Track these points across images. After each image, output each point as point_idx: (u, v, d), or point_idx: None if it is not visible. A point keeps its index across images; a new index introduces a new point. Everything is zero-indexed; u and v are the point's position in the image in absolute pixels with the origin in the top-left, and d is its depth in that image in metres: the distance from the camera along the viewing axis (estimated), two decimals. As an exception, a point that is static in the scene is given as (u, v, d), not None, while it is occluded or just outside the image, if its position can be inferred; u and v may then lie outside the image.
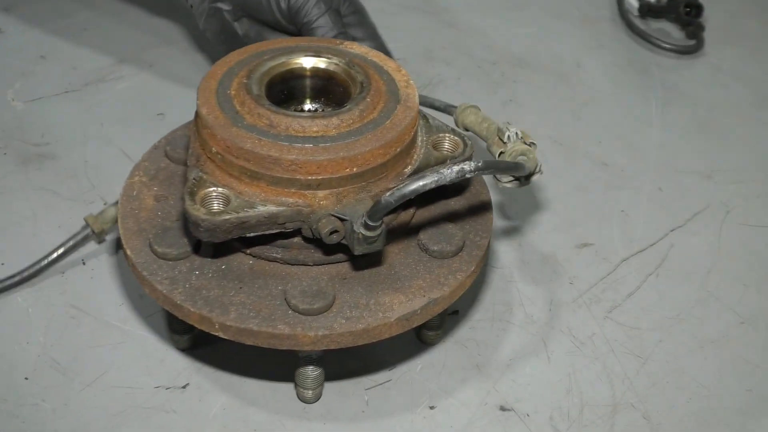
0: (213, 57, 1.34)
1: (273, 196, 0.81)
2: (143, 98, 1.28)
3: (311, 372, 0.89)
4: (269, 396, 0.92)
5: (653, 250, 1.11)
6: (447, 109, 1.01)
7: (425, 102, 1.03)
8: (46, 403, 0.90)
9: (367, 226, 0.78)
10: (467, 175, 0.77)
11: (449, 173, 0.76)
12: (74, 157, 1.18)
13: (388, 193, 0.76)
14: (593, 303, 1.04)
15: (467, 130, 0.97)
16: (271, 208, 0.81)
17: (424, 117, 0.91)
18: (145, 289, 0.86)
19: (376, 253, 0.83)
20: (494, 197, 1.15)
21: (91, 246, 1.05)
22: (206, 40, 1.26)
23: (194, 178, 0.83)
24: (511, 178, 0.89)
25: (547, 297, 1.04)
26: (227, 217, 0.80)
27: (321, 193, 0.81)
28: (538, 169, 0.91)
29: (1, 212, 1.10)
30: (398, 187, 0.76)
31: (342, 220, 0.81)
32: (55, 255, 1.01)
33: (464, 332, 1.00)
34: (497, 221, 1.13)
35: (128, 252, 0.87)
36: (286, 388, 0.92)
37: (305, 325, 0.81)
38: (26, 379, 0.92)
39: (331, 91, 0.90)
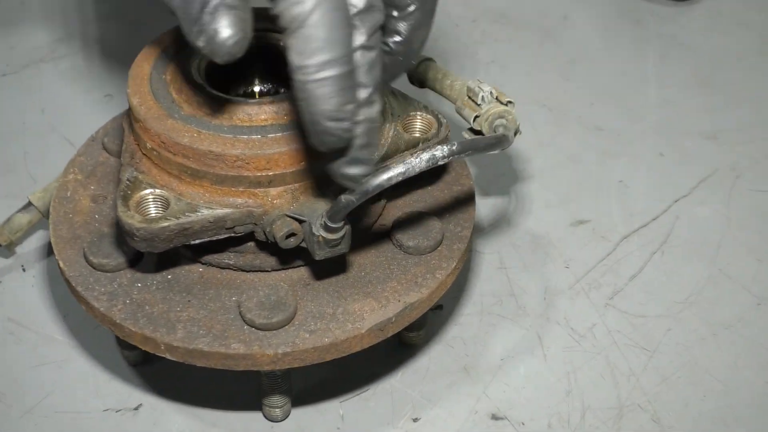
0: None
1: (219, 197, 0.71)
2: (88, 79, 1.16)
3: (277, 387, 0.79)
4: (233, 416, 0.82)
5: (656, 224, 1.00)
6: None
7: None
8: (-20, 436, 0.80)
9: (327, 228, 0.68)
10: (440, 162, 0.66)
11: (417, 163, 0.65)
12: (12, 148, 1.07)
13: (348, 191, 0.66)
14: (592, 289, 0.94)
15: (424, 87, 0.85)
16: (217, 211, 0.70)
17: (392, 93, 0.80)
18: (82, 306, 0.75)
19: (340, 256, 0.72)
20: (474, 170, 1.05)
21: (32, 251, 0.94)
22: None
23: (128, 179, 0.72)
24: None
25: (541, 284, 0.94)
26: (166, 224, 0.69)
27: (274, 191, 0.71)
28: (518, 131, 0.80)
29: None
30: (363, 182, 0.65)
31: (299, 221, 0.70)
32: None
33: (450, 330, 0.90)
34: (481, 198, 1.02)
35: (61, 264, 0.76)
36: (252, 406, 0.82)
37: (263, 342, 0.71)
38: (-40, 406, 0.82)
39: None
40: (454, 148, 0.66)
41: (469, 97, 0.79)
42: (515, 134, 0.79)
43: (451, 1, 1.32)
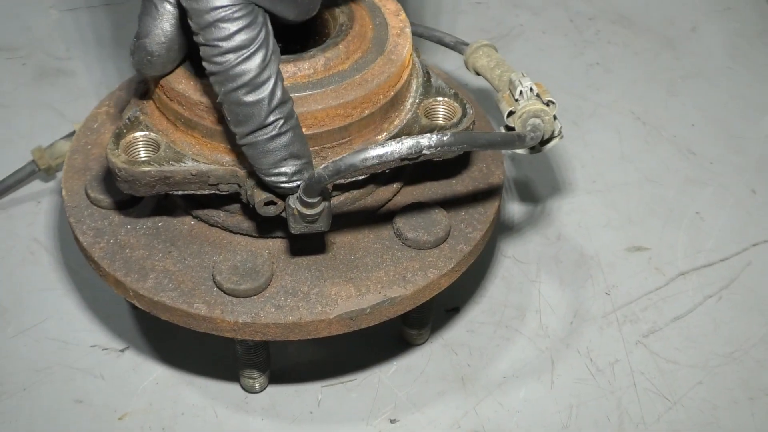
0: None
1: (207, 151, 0.68)
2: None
3: (251, 359, 0.76)
4: (212, 376, 0.80)
5: (723, 266, 0.90)
6: (457, 46, 0.83)
7: (432, 36, 0.85)
8: (-30, 346, 0.81)
9: (303, 202, 0.64)
10: (425, 152, 0.60)
11: (398, 148, 0.60)
12: (92, 76, 1.09)
13: (322, 166, 0.61)
14: (628, 322, 0.85)
15: (478, 74, 0.80)
16: (201, 166, 0.67)
17: (426, 74, 0.75)
18: (73, 236, 0.75)
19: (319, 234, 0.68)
20: (534, 173, 0.98)
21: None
22: None
23: (129, 118, 0.70)
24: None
25: (573, 306, 0.86)
26: (147, 168, 0.67)
27: (261, 154, 0.67)
28: (557, 133, 0.73)
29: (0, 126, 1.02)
30: (336, 159, 0.61)
31: (281, 189, 0.66)
32: None
33: (459, 334, 0.84)
34: (531, 204, 0.95)
35: (63, 192, 0.76)
36: (234, 371, 0.80)
37: (226, 307, 0.68)
38: (-41, 315, 0.84)
39: (315, 31, 0.75)
40: (444, 138, 0.61)
41: (510, 91, 0.73)
42: (552, 139, 0.72)
43: (574, -6, 1.24)
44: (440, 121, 0.72)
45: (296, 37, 0.76)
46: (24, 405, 0.77)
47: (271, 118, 0.61)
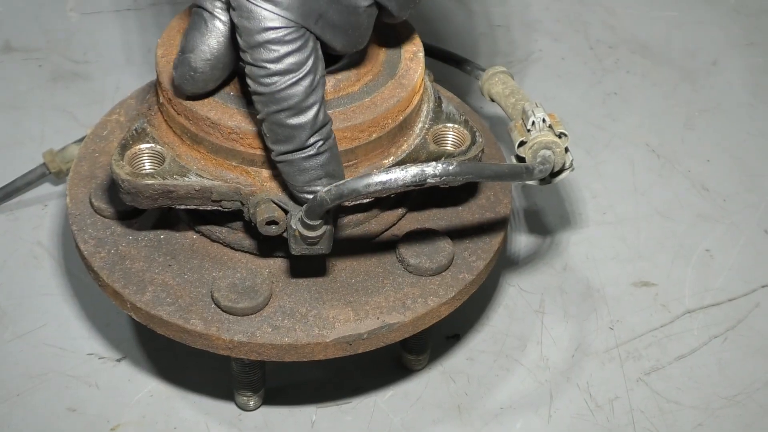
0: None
1: (212, 167, 0.68)
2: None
3: (246, 377, 0.75)
4: (206, 392, 0.79)
5: (731, 306, 0.89)
6: (474, 71, 0.83)
7: (451, 58, 0.84)
8: (-34, 349, 0.81)
9: (304, 224, 0.63)
10: (429, 181, 0.60)
11: (402, 176, 0.59)
12: (108, 81, 1.09)
13: (325, 189, 0.61)
14: (630, 358, 0.84)
15: (493, 101, 0.79)
16: (204, 181, 0.67)
17: (437, 100, 0.74)
18: (74, 244, 0.75)
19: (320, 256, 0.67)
20: (545, 202, 0.97)
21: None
22: None
23: (135, 129, 0.70)
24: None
25: (576, 339, 0.85)
26: (151, 182, 0.66)
27: (266, 173, 0.67)
28: (568, 166, 0.72)
29: (11, 128, 1.02)
30: (339, 183, 0.60)
31: (285, 210, 0.66)
32: (2, 193, 0.91)
33: (458, 362, 0.83)
34: (540, 234, 0.94)
35: (67, 199, 0.76)
36: (229, 388, 0.79)
37: (222, 326, 0.67)
38: (-40, 316, 0.84)
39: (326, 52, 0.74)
40: (450, 168, 0.60)
41: (523, 120, 0.72)
42: (562, 171, 0.72)
43: (596, 22, 1.23)
44: (449, 148, 0.72)
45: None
46: (16, 411, 0.77)
47: (312, 141, 0.61)
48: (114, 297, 0.70)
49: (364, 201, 0.69)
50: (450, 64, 0.87)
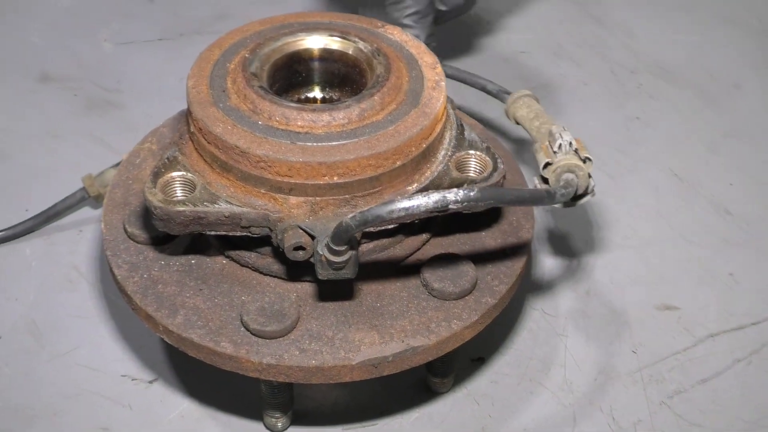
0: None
1: (241, 194, 0.70)
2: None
3: (274, 399, 0.77)
4: (236, 412, 0.81)
5: (755, 330, 0.90)
6: (499, 95, 0.85)
7: (476, 83, 0.86)
8: (8, 369, 0.84)
9: (330, 249, 0.65)
10: (452, 207, 0.62)
11: (424, 202, 0.61)
12: (140, 109, 1.12)
13: (350, 215, 0.63)
14: (654, 381, 0.85)
15: (518, 123, 0.81)
16: (234, 208, 0.69)
17: (460, 127, 0.76)
18: (109, 268, 0.77)
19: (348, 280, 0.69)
20: (567, 225, 0.98)
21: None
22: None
23: (167, 158, 0.72)
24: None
25: (599, 363, 0.86)
26: (182, 208, 0.69)
27: (293, 200, 0.69)
28: (590, 191, 0.73)
29: (48, 155, 1.05)
30: (364, 209, 0.62)
31: (311, 236, 0.68)
32: (43, 217, 0.94)
33: (483, 384, 0.84)
34: (563, 258, 0.95)
35: (102, 225, 0.78)
36: (257, 409, 0.81)
37: (251, 348, 0.69)
38: (-1, 337, 0.86)
39: (353, 80, 0.77)
40: (471, 194, 0.62)
41: (549, 143, 0.74)
42: (584, 195, 0.73)
43: (617, 47, 1.25)
44: (471, 175, 0.73)
45: (334, 86, 0.78)
46: (52, 430, 0.79)
47: None
48: (147, 320, 0.73)
49: (389, 227, 0.71)
50: (476, 87, 0.89)
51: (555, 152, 0.73)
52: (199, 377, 0.83)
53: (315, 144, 0.68)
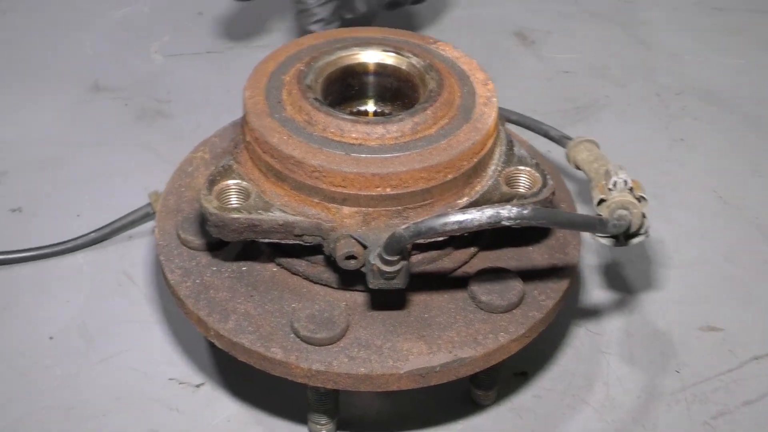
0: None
1: (295, 203, 0.71)
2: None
3: (320, 405, 0.78)
4: (282, 417, 0.82)
5: (799, 353, 0.89)
6: (561, 140, 0.86)
7: (539, 129, 0.88)
8: (58, 369, 0.85)
9: (383, 259, 0.66)
10: (504, 223, 0.62)
11: (478, 217, 0.62)
12: (188, 119, 1.14)
13: (404, 226, 0.64)
14: (697, 402, 0.85)
15: (578, 168, 0.82)
16: (288, 216, 0.70)
17: (509, 143, 0.77)
18: (162, 273, 0.79)
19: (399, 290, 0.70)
20: (609, 252, 0.98)
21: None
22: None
23: (222, 166, 0.74)
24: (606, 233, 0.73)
25: (642, 381, 0.86)
26: (237, 215, 0.70)
27: (346, 210, 0.70)
28: (643, 231, 0.74)
29: (98, 163, 1.07)
30: (418, 221, 0.63)
31: (363, 245, 0.69)
32: (108, 230, 0.96)
33: (526, 399, 0.85)
34: (607, 276, 0.95)
35: (156, 231, 0.80)
36: (303, 415, 0.82)
37: (301, 354, 0.71)
38: (51, 338, 0.88)
39: (405, 95, 0.78)
40: (525, 212, 0.63)
41: (605, 181, 0.75)
42: (637, 235, 0.73)
43: (663, 69, 1.25)
44: (521, 190, 0.74)
45: (386, 100, 0.80)
46: (101, 430, 0.80)
47: None
48: (198, 324, 0.74)
49: (440, 239, 0.72)
50: (538, 133, 0.91)
51: (610, 189, 0.73)
52: (245, 382, 0.84)
53: (369, 156, 0.69)
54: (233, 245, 0.78)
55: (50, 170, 1.06)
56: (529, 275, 0.77)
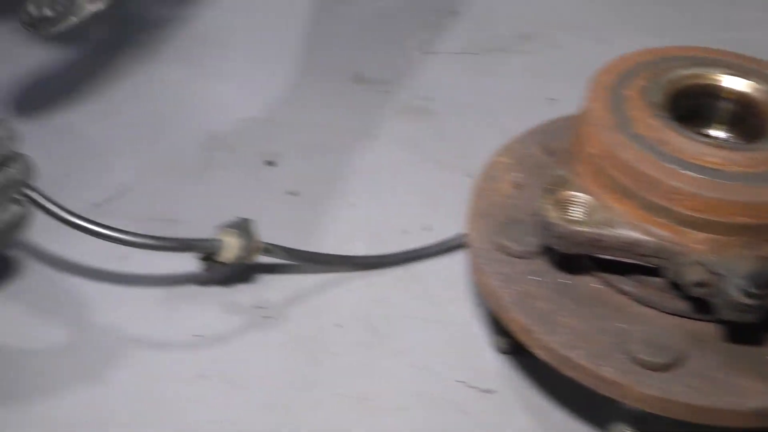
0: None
1: (639, 222, 0.70)
2: (538, 78, 1.20)
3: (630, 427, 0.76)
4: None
5: None
6: None
7: None
8: (343, 357, 0.86)
9: (745, 291, 0.64)
10: None
11: None
12: (450, 120, 1.14)
13: (783, 258, 0.62)
14: None
15: None
16: (634, 235, 0.69)
17: None
18: (474, 277, 0.79)
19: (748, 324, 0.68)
20: None
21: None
22: None
23: (557, 177, 0.73)
24: None
25: None
26: (582, 229, 0.70)
27: (700, 236, 0.68)
28: None
29: (364, 152, 1.08)
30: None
31: (715, 273, 0.67)
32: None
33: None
34: None
35: (471, 234, 0.80)
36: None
37: (636, 377, 0.69)
38: (339, 326, 0.89)
39: (747, 121, 0.76)
40: None
41: None
42: None
43: None
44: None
45: (723, 123, 0.78)
46: (399, 426, 0.81)
47: None
48: (522, 333, 0.73)
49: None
50: None
51: None
52: (536, 393, 0.84)
53: (731, 182, 0.67)
54: (551, 256, 0.77)
55: (321, 156, 1.08)
56: None
